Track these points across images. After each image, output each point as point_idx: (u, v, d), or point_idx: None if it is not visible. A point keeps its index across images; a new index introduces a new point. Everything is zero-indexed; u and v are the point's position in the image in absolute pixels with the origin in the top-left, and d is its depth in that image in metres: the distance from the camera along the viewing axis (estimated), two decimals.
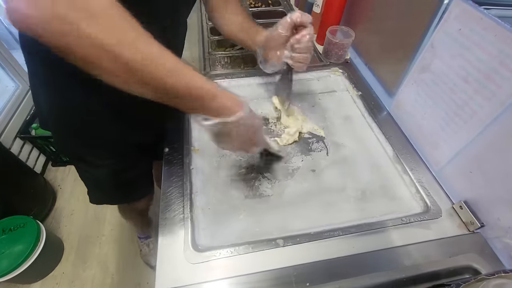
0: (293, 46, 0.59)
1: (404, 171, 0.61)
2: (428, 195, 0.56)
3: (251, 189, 0.59)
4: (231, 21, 0.68)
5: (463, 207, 0.52)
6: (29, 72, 0.58)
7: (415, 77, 0.63)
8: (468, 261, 0.47)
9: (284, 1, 1.23)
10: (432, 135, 0.60)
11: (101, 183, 0.75)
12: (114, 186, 0.77)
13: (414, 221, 0.52)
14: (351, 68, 0.87)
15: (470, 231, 0.51)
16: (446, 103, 0.56)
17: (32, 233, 1.13)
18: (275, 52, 0.62)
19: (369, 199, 0.57)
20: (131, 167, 0.75)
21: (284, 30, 0.58)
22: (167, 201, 0.55)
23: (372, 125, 0.71)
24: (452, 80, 0.54)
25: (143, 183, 0.87)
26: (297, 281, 0.45)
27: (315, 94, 0.80)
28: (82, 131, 0.62)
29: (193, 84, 0.38)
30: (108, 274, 1.26)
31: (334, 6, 0.87)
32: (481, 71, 0.48)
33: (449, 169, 0.57)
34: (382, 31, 0.77)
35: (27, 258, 1.09)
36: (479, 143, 0.49)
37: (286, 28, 0.58)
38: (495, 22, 0.44)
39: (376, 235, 0.51)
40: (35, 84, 0.59)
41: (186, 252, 0.48)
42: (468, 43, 0.49)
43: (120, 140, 0.67)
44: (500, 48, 0.44)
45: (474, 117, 0.50)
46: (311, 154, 0.65)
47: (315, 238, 0.50)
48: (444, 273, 0.46)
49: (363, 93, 0.78)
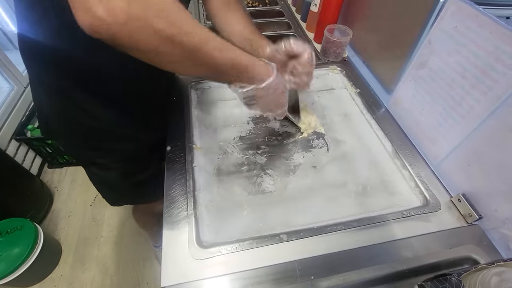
0: (292, 71, 0.58)
1: (403, 166, 0.62)
2: (427, 189, 0.57)
3: (254, 185, 0.59)
4: (233, 31, 0.64)
5: (461, 200, 0.54)
6: (32, 81, 0.58)
7: (413, 74, 0.64)
8: (467, 252, 0.48)
9: (282, 1, 1.24)
10: (430, 130, 0.61)
11: (114, 185, 0.75)
12: (128, 187, 0.77)
13: (414, 215, 0.53)
14: (349, 66, 0.88)
15: (469, 223, 0.52)
16: (443, 98, 0.57)
17: (29, 236, 1.12)
18: (279, 66, 0.59)
19: (370, 194, 0.58)
20: (142, 169, 0.75)
21: (279, 54, 0.57)
22: (170, 199, 0.56)
23: (371, 121, 0.72)
24: (449, 76, 0.55)
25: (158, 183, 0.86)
26: (302, 275, 0.46)
27: (314, 92, 0.81)
28: (91, 135, 0.63)
29: (238, 60, 0.43)
30: (107, 276, 1.26)
31: (331, 4, 0.88)
32: (477, 67, 0.49)
33: (447, 163, 0.58)
34: (380, 29, 0.78)
35: (24, 261, 1.08)
36: (476, 137, 0.51)
37: (281, 54, 0.57)
38: (490, 19, 0.46)
39: (377, 229, 0.52)
40: (39, 93, 0.59)
41: (191, 249, 0.49)
42: (465, 40, 0.51)
43: (129, 141, 0.68)
44: (495, 44, 0.45)
45: (471, 112, 0.51)
46: (311, 150, 0.66)
47: (318, 232, 0.51)
48: (444, 264, 0.47)
49: (361, 91, 0.80)
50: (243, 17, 0.64)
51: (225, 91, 0.80)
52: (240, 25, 0.64)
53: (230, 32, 0.64)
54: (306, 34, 1.03)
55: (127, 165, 0.71)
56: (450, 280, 0.38)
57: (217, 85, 0.81)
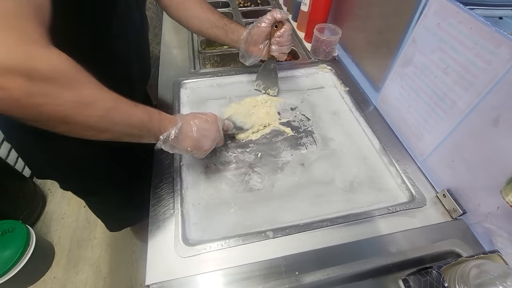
0: (277, 40, 0.67)
1: (390, 162, 0.62)
2: (413, 185, 0.58)
3: (242, 183, 0.59)
4: (199, 17, 0.69)
5: (446, 195, 0.54)
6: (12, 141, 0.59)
7: (399, 71, 0.65)
8: (451, 246, 0.49)
9: (273, 1, 1.25)
10: (416, 126, 0.62)
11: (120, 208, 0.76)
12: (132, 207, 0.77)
13: (400, 210, 0.54)
14: (339, 65, 0.88)
15: (453, 218, 0.53)
16: (428, 95, 0.57)
17: (21, 238, 1.11)
18: (256, 46, 0.68)
19: (357, 190, 0.59)
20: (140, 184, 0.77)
21: (265, 25, 0.65)
22: (157, 197, 0.56)
23: (359, 119, 0.73)
24: (433, 73, 0.55)
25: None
26: (286, 270, 0.46)
27: (304, 90, 0.82)
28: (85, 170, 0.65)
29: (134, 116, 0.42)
30: (101, 277, 1.25)
31: (321, 4, 0.89)
32: (459, 62, 0.49)
33: (433, 159, 0.59)
34: (368, 27, 0.79)
35: (16, 263, 1.07)
36: (459, 132, 0.51)
37: (267, 23, 0.65)
38: (470, 16, 0.46)
39: (363, 225, 0.52)
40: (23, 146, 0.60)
41: (176, 247, 0.49)
42: (447, 37, 0.51)
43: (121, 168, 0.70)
44: (475, 40, 0.46)
45: (454, 107, 0.52)
46: (299, 148, 0.66)
47: (304, 229, 0.51)
48: (428, 258, 0.48)
49: (350, 89, 0.80)
50: (202, 3, 0.69)
51: (214, 90, 0.81)
52: (205, 12, 0.68)
53: (198, 21, 0.68)
54: (297, 33, 1.03)
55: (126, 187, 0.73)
56: (431, 273, 0.38)
57: (207, 84, 0.82)
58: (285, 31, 0.66)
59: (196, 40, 0.99)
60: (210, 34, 0.70)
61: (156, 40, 1.62)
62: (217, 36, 0.69)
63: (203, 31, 0.70)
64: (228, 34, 0.68)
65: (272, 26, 0.66)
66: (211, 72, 0.85)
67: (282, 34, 0.66)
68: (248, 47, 0.69)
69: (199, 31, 0.71)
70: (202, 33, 0.72)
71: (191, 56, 0.91)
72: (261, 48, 0.69)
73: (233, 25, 0.69)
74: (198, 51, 0.95)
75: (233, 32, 0.68)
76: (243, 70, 0.84)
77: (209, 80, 0.82)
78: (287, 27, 0.66)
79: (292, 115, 0.74)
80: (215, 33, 0.69)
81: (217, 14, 0.70)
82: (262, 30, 0.66)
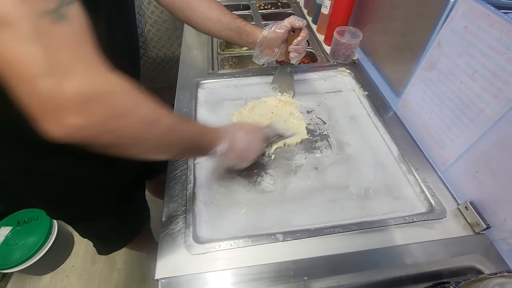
0: (295, 48, 0.68)
1: (409, 170, 0.60)
2: (433, 195, 0.55)
3: (254, 184, 0.59)
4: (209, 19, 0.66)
5: (469, 208, 0.51)
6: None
7: (422, 76, 0.62)
8: (472, 261, 0.46)
9: (294, 4, 1.24)
10: (438, 134, 0.59)
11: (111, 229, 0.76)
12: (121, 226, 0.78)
13: (418, 221, 0.51)
14: (359, 68, 0.86)
15: (476, 232, 0.50)
16: (452, 101, 0.55)
17: (44, 226, 1.17)
18: (271, 49, 0.70)
19: (372, 198, 0.57)
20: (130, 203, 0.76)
21: (283, 31, 0.66)
22: (170, 194, 0.57)
23: (377, 124, 0.70)
24: (458, 78, 0.53)
25: (143, 209, 0.88)
26: (295, 275, 0.45)
27: (321, 93, 0.81)
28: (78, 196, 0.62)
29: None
30: (115, 269, 1.29)
31: (342, 7, 0.87)
32: (487, 68, 0.47)
33: (455, 169, 0.56)
34: (390, 31, 0.76)
35: (39, 250, 1.13)
36: (486, 142, 0.48)
37: (284, 30, 0.66)
38: (502, 18, 0.44)
39: (377, 233, 0.50)
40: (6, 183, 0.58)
41: (187, 243, 0.49)
42: (475, 41, 0.49)
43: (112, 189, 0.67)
44: (507, 44, 0.43)
45: (481, 115, 0.49)
46: (314, 152, 0.65)
47: (315, 234, 0.50)
48: (446, 273, 0.45)
49: (369, 93, 0.78)
50: (210, 2, 0.67)
51: (231, 91, 0.81)
52: (215, 13, 0.67)
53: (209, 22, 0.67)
54: (316, 36, 1.02)
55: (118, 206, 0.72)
56: None
57: (224, 85, 0.82)
58: (302, 38, 0.67)
59: (216, 41, 1.01)
60: (223, 36, 0.69)
61: (177, 42, 1.66)
62: (230, 38, 0.69)
63: (214, 33, 0.69)
64: (243, 37, 0.68)
65: (289, 31, 0.67)
66: (228, 73, 0.85)
67: (299, 41, 0.67)
68: (263, 49, 0.69)
69: (210, 32, 0.70)
70: (213, 34, 0.71)
71: (210, 57, 0.93)
72: (275, 51, 0.70)
73: (248, 27, 0.68)
74: (217, 52, 0.96)
75: (247, 35, 0.68)
76: (259, 72, 0.85)
77: (226, 81, 0.83)
78: (304, 34, 0.67)
79: (308, 118, 0.73)
80: (228, 35, 0.68)
81: (229, 15, 0.68)
82: (278, 35, 0.66)
